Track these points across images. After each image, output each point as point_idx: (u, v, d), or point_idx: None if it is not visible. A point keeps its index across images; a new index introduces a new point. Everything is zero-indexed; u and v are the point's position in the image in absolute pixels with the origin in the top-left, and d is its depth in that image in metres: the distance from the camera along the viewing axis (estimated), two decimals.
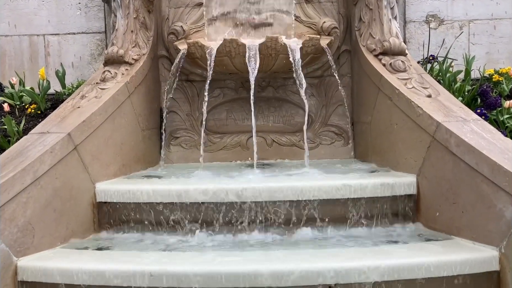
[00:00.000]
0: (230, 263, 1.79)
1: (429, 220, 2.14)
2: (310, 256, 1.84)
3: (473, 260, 1.78)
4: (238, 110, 2.98)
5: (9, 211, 1.85)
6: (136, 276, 1.73)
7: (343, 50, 2.92)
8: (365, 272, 1.71)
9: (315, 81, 2.96)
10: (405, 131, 2.30)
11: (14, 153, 2.07)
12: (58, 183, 2.05)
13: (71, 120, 2.24)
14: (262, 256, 1.87)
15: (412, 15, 3.36)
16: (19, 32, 3.45)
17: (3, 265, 1.80)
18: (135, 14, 2.69)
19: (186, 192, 2.09)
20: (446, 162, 2.05)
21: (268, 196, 2.08)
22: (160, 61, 2.95)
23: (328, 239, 2.07)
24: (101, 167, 2.29)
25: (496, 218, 1.82)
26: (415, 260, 1.76)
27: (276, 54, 2.60)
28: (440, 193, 2.07)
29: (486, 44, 3.39)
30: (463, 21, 3.37)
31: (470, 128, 2.07)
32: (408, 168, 2.26)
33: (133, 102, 2.57)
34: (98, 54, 3.42)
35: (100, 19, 3.41)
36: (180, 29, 2.84)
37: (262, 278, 1.69)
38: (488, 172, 1.85)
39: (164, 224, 2.13)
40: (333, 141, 2.96)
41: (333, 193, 2.09)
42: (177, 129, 2.98)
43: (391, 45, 2.55)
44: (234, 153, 2.95)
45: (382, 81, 2.46)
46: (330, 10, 2.89)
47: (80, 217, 2.14)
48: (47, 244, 1.98)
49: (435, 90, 2.37)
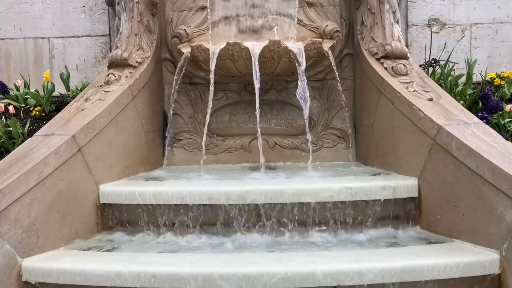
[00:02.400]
0: (229, 264, 1.80)
1: (430, 223, 2.15)
2: (307, 259, 1.84)
3: (474, 263, 1.79)
4: (241, 113, 2.99)
5: (14, 212, 1.87)
6: (139, 277, 1.75)
7: (345, 53, 2.94)
8: (366, 274, 1.72)
9: (317, 84, 2.97)
10: (407, 134, 2.31)
11: (19, 155, 2.09)
12: (62, 184, 2.07)
13: (76, 122, 2.26)
14: (269, 257, 1.87)
15: (414, 19, 3.37)
16: (24, 35, 3.48)
17: (8, 265, 1.82)
18: (139, 17, 2.71)
19: (189, 194, 2.11)
20: (448, 165, 2.06)
21: (270, 198, 2.09)
22: (164, 64, 2.97)
23: (329, 242, 2.08)
24: (105, 169, 2.31)
25: (497, 221, 1.83)
26: (416, 262, 1.77)
27: (278, 57, 2.61)
28: (442, 196, 2.08)
29: (488, 48, 3.40)
30: (465, 25, 3.38)
31: (471, 131, 2.08)
32: (409, 171, 2.27)
33: (136, 104, 2.59)
34: (102, 57, 3.44)
35: (105, 22, 3.43)
36: (183, 33, 2.86)
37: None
38: (489, 175, 1.86)
39: (167, 225, 2.15)
40: (335, 144, 2.97)
41: (334, 196, 2.10)
42: (180, 131, 2.99)
43: (393, 48, 2.56)
44: (237, 156, 2.96)
45: (384, 84, 2.48)
46: (333, 13, 2.90)
47: (84, 218, 2.16)
48: (51, 245, 1.99)
49: (436, 93, 2.38)
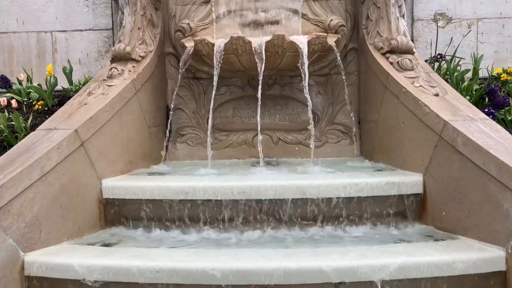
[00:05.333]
0: (229, 260, 1.79)
1: (435, 220, 2.13)
2: (311, 255, 1.84)
3: (479, 260, 1.78)
4: (244, 108, 2.98)
5: (17, 207, 1.86)
6: (141, 272, 1.74)
7: (350, 48, 2.91)
8: (371, 271, 1.71)
9: (322, 79, 2.95)
10: (412, 130, 2.29)
11: (22, 149, 2.08)
12: (65, 179, 2.06)
13: (78, 116, 2.25)
14: (276, 253, 1.86)
15: (420, 13, 3.34)
16: (27, 29, 3.47)
17: (11, 259, 1.81)
18: (142, 11, 2.69)
19: (193, 189, 2.10)
20: (453, 161, 2.04)
21: (272, 194, 2.07)
22: (167, 58, 2.95)
23: (333, 237, 2.06)
24: (108, 163, 2.30)
25: (503, 218, 1.81)
26: (421, 259, 1.75)
27: (283, 51, 2.59)
28: (447, 193, 2.06)
29: (495, 43, 3.37)
30: (471, 20, 3.34)
31: (478, 127, 2.06)
32: (414, 167, 2.25)
33: (139, 99, 2.58)
34: (105, 51, 3.43)
35: (108, 16, 3.42)
36: (187, 27, 2.84)
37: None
38: (495, 171, 1.84)
39: (170, 220, 2.14)
40: (340, 139, 2.95)
41: (339, 192, 2.09)
42: (183, 126, 2.98)
43: (399, 43, 2.54)
44: (240, 151, 2.95)
45: (389, 79, 2.45)
46: (338, 8, 2.88)
47: (86, 213, 2.15)
48: (54, 239, 1.99)
49: (442, 89, 2.35)
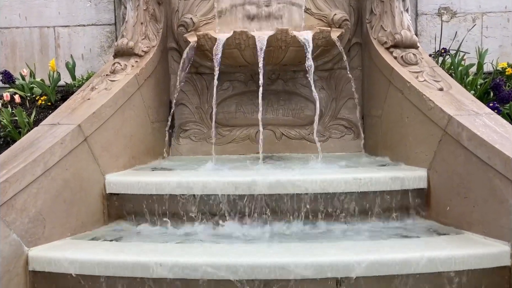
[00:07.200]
0: (235, 255, 1.79)
1: (439, 215, 2.12)
2: (318, 250, 1.83)
3: (484, 255, 1.77)
4: (247, 103, 2.97)
5: (20, 202, 1.86)
6: (145, 267, 1.74)
7: (354, 42, 2.90)
8: (375, 266, 1.70)
9: (325, 74, 2.94)
10: (416, 124, 2.28)
11: (25, 144, 2.08)
12: (68, 174, 2.06)
13: (81, 111, 2.25)
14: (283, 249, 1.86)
15: (424, 7, 3.32)
16: (30, 24, 3.47)
17: (15, 254, 1.82)
18: (145, 6, 2.68)
19: (195, 184, 2.09)
20: (458, 156, 2.03)
21: (274, 189, 2.07)
22: (170, 53, 2.95)
23: (336, 232, 2.06)
24: (111, 158, 2.30)
25: (508, 213, 1.80)
26: (426, 254, 1.74)
27: (286, 46, 2.58)
28: (451, 188, 2.05)
29: (500, 37, 3.34)
30: (476, 14, 3.32)
31: (483, 122, 2.04)
32: (419, 162, 2.24)
33: (142, 94, 2.57)
34: (108, 46, 3.42)
35: (110, 11, 3.41)
36: (190, 21, 2.83)
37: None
38: (500, 166, 1.83)
39: (174, 215, 2.14)
40: (343, 134, 2.94)
41: (342, 187, 2.08)
42: (186, 121, 2.98)
43: (403, 37, 2.52)
44: (243, 146, 2.94)
45: (393, 74, 2.44)
46: (341, 2, 2.85)
47: (90, 208, 2.15)
48: (57, 234, 1.99)
49: (447, 83, 2.34)
